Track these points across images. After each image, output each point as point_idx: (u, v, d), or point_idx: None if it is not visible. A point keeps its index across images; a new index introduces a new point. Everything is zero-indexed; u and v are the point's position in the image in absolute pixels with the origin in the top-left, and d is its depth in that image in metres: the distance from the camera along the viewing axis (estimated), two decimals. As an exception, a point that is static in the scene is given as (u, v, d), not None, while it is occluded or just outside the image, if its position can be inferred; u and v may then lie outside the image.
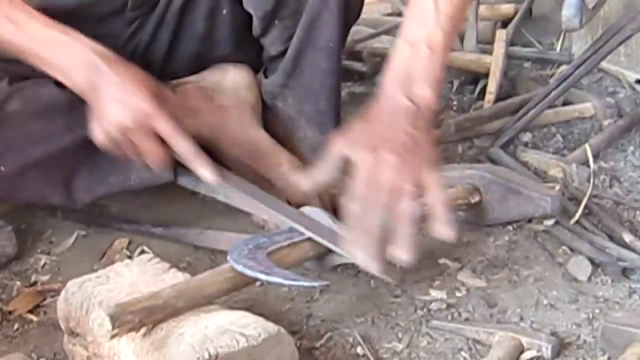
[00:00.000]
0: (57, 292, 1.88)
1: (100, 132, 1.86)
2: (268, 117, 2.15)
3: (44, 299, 1.97)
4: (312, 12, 2.00)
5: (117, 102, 1.84)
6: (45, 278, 2.03)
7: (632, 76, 2.69)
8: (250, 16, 2.07)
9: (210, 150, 2.06)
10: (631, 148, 2.50)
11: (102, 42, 1.98)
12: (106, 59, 1.87)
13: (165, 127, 1.85)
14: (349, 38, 2.12)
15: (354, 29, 2.13)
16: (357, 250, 1.66)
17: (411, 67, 1.77)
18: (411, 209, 1.65)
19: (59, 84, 1.95)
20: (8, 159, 1.95)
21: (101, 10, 2.07)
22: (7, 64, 2.00)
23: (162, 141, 1.87)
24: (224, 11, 2.11)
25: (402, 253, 1.63)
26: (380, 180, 1.66)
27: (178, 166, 1.98)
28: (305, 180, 1.81)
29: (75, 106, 1.94)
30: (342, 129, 1.83)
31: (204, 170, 1.85)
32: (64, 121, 1.96)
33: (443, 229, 1.67)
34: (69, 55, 1.88)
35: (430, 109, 1.76)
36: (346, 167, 1.72)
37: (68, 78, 1.88)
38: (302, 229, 1.83)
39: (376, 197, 1.65)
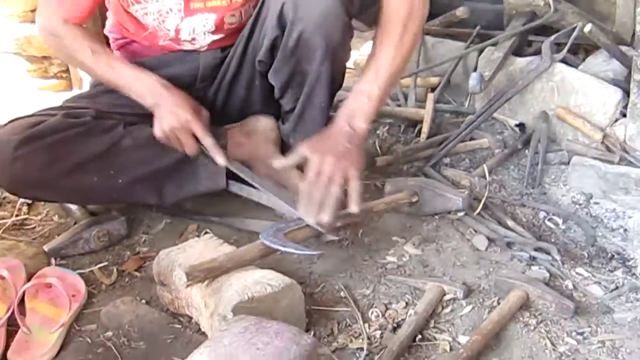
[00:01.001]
0: (152, 258, 1.89)
1: (159, 130, 1.91)
2: (284, 148, 2.14)
3: (144, 262, 1.97)
4: (310, 85, 2.00)
5: (170, 112, 1.90)
6: (145, 249, 2.04)
7: (512, 122, 2.69)
8: (272, 86, 2.07)
9: (249, 167, 2.06)
10: (512, 167, 2.50)
11: None
12: (166, 88, 1.93)
13: (199, 130, 1.91)
14: (335, 99, 2.12)
15: (338, 93, 2.13)
16: (308, 217, 1.80)
17: (354, 108, 1.89)
18: (336, 190, 1.78)
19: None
20: (123, 176, 1.95)
21: (179, 83, 2.05)
22: (123, 116, 2.01)
23: (196, 138, 1.92)
24: (257, 83, 2.11)
25: (325, 216, 1.76)
26: (323, 171, 1.78)
27: (229, 178, 2.01)
28: (279, 163, 1.94)
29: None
30: (306, 140, 1.91)
31: (218, 157, 1.92)
32: (158, 151, 1.96)
33: (352, 204, 1.80)
34: (143, 86, 1.92)
35: (362, 135, 1.90)
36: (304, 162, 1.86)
37: (142, 99, 1.93)
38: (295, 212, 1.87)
39: (319, 182, 1.78)
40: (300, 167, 2.10)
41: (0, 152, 1.87)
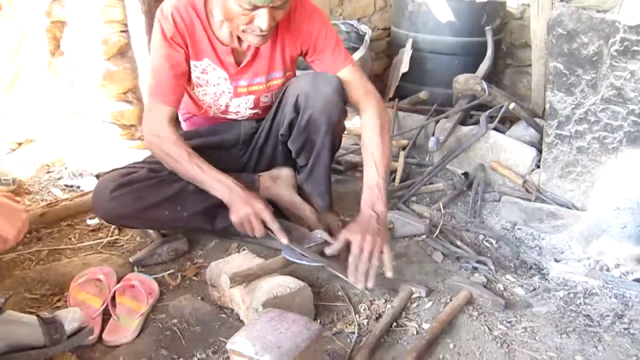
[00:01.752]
0: (206, 267, 1.88)
1: (236, 217, 1.84)
2: (300, 192, 2.15)
3: (200, 270, 1.96)
4: (318, 150, 2.01)
5: (246, 203, 1.82)
6: (200, 261, 2.02)
7: (459, 171, 2.69)
8: (290, 150, 2.09)
9: (274, 204, 2.04)
10: (460, 203, 2.50)
11: (226, 161, 2.02)
12: (238, 187, 1.85)
13: (267, 218, 1.82)
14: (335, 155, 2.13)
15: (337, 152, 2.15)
16: (358, 283, 1.70)
17: (372, 200, 1.84)
18: (376, 263, 1.71)
19: None
20: (187, 210, 1.94)
21: (226, 145, 2.09)
22: None
23: (264, 223, 1.84)
24: (279, 147, 2.12)
25: (370, 283, 1.68)
26: (364, 248, 1.70)
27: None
28: (331, 250, 1.79)
29: None
30: (344, 225, 1.92)
31: (282, 238, 1.79)
32: (208, 194, 1.93)
33: (388, 272, 1.72)
34: (222, 186, 1.86)
35: (384, 217, 1.83)
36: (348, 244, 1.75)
37: (221, 195, 1.85)
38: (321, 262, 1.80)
39: (363, 256, 1.70)
40: (310, 202, 2.13)
41: (101, 193, 1.89)
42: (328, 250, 1.79)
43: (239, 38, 1.90)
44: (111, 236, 2.16)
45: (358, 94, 1.97)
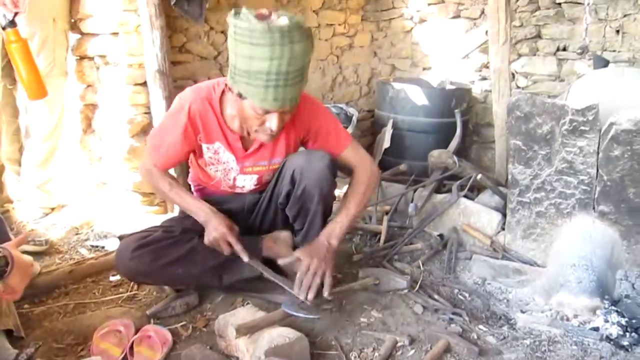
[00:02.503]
0: (214, 319, 1.86)
1: (207, 240, 1.90)
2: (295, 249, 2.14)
3: (209, 322, 1.93)
4: (311, 217, 2.01)
5: (214, 229, 1.89)
6: (210, 313, 1.99)
7: (435, 233, 2.69)
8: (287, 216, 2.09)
9: (275, 261, 2.01)
10: (436, 261, 2.49)
11: (237, 223, 2.00)
12: (213, 212, 1.92)
13: (232, 240, 1.89)
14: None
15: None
16: (301, 294, 1.81)
17: (331, 231, 1.94)
18: (317, 281, 1.82)
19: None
20: (197, 268, 1.95)
21: (233, 212, 2.08)
22: (197, 231, 1.99)
23: (230, 245, 1.90)
24: (279, 214, 2.12)
25: (311, 294, 1.79)
26: (310, 268, 1.83)
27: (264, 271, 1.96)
28: (283, 261, 1.93)
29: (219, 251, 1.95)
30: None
31: (243, 255, 1.88)
32: (217, 253, 1.94)
33: (326, 291, 1.81)
34: (199, 210, 1.94)
35: (334, 248, 1.93)
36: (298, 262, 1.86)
37: (198, 218, 1.93)
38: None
39: (308, 274, 1.82)
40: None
41: (123, 253, 1.89)
42: (280, 261, 1.91)
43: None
44: (131, 291, 2.13)
45: (356, 162, 2.05)
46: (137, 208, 2.91)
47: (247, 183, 2.08)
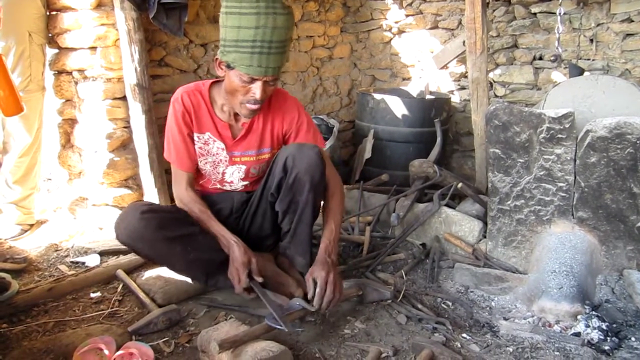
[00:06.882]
0: (197, 334, 1.84)
1: (232, 270, 1.95)
2: (282, 258, 2.17)
3: (192, 337, 1.90)
4: (301, 209, 2.04)
5: (237, 259, 1.94)
6: (192, 328, 1.96)
7: (417, 242, 2.70)
8: (277, 216, 2.12)
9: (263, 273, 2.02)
10: (419, 271, 2.50)
11: (225, 224, 2.06)
12: (237, 244, 1.97)
13: (254, 269, 1.93)
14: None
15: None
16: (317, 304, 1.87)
17: (327, 249, 1.98)
18: (338, 295, 1.89)
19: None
20: (193, 251, 2.00)
21: (223, 213, 2.17)
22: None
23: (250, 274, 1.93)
24: (268, 213, 2.16)
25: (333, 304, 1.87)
26: (329, 281, 1.88)
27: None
28: (297, 290, 2.01)
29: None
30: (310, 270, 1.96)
31: (245, 294, 1.95)
32: (212, 247, 2.00)
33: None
34: (224, 239, 2.00)
35: (336, 262, 2.00)
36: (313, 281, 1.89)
37: (224, 247, 1.99)
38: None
39: (329, 287, 1.88)
40: (291, 269, 2.12)
41: (132, 213, 1.95)
42: (297, 301, 1.91)
43: (235, 116, 2.08)
44: (112, 308, 2.10)
45: (327, 170, 2.08)
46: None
47: (235, 177, 2.15)
